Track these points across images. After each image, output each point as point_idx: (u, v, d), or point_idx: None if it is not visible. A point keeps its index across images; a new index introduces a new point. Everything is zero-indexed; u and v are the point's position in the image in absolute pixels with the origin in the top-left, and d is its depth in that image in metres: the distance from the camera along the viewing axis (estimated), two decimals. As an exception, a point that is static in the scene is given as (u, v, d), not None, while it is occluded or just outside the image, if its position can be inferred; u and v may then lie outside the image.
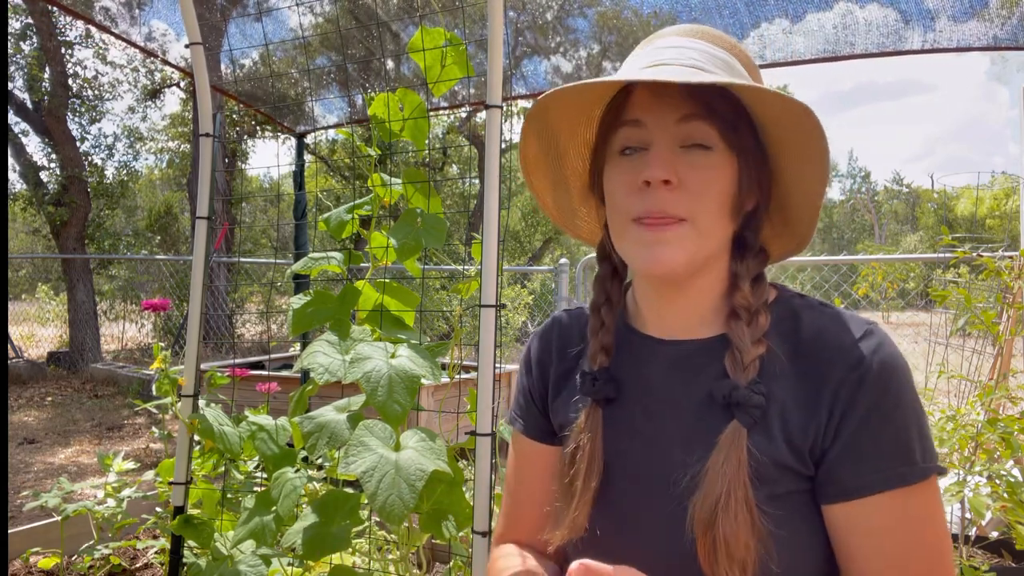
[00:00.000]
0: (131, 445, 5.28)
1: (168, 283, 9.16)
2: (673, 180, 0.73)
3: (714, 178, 0.74)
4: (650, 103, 0.76)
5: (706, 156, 0.74)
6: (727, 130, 0.74)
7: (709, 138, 0.74)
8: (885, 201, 48.49)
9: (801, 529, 0.73)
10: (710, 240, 0.76)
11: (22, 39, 10.18)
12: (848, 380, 0.72)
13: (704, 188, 0.74)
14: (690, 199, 0.74)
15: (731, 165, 0.76)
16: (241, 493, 1.88)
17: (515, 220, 19.56)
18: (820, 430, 0.72)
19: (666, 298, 0.83)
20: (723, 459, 0.71)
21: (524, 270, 11.17)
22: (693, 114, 0.74)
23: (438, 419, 1.69)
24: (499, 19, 1.29)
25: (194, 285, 1.67)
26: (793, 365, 0.75)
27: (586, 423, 0.82)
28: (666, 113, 0.75)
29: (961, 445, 1.91)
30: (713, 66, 0.75)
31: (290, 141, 3.73)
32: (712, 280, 0.81)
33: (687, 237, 0.74)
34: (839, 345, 0.74)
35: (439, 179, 8.73)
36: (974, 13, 2.45)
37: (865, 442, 0.71)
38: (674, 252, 0.74)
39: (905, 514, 0.71)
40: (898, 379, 0.72)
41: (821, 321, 0.77)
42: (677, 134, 0.75)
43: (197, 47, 1.66)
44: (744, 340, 0.75)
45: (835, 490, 0.72)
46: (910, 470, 0.70)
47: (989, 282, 2.59)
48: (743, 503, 0.69)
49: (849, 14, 2.58)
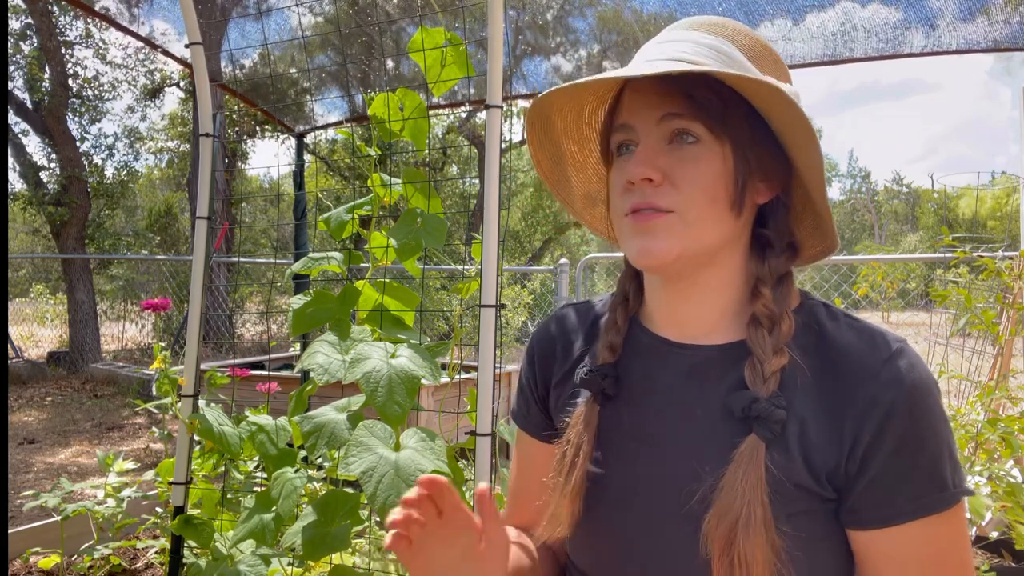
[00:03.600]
0: (131, 445, 5.28)
1: (168, 283, 9.16)
2: (655, 177, 0.72)
3: (700, 169, 0.72)
4: (635, 104, 0.76)
5: (691, 149, 0.73)
6: (711, 120, 0.72)
7: (693, 130, 0.72)
8: (885, 201, 48.49)
9: (818, 549, 0.71)
10: (701, 232, 0.73)
11: (22, 39, 10.18)
12: (877, 404, 0.68)
13: (688, 180, 0.72)
14: (675, 191, 0.72)
15: (721, 155, 0.73)
16: (241, 493, 1.88)
17: (515, 220, 19.56)
18: (844, 454, 0.69)
19: (674, 297, 0.80)
20: (741, 475, 0.68)
21: (524, 270, 11.17)
22: (673, 111, 0.73)
23: (438, 419, 1.69)
24: (499, 19, 1.29)
25: (194, 285, 1.67)
26: (815, 380, 0.72)
27: (580, 417, 0.81)
28: (649, 112, 0.74)
29: (961, 445, 1.91)
30: (703, 57, 0.72)
31: (290, 141, 3.73)
32: (723, 279, 0.78)
33: (673, 228, 0.72)
34: (867, 364, 0.70)
35: (439, 179, 8.72)
36: (975, 14, 2.45)
37: (897, 470, 0.68)
38: (661, 243, 0.73)
39: (934, 539, 0.69)
40: (930, 403, 0.69)
41: (848, 336, 0.73)
42: (661, 131, 0.74)
43: (197, 47, 1.66)
44: (765, 350, 0.72)
45: (862, 517, 0.70)
46: (942, 496, 0.68)
47: (989, 282, 2.59)
48: (761, 523, 0.66)
49: (849, 18, 2.57)
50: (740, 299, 0.79)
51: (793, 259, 0.78)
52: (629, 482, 0.78)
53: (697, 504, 0.71)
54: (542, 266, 11.16)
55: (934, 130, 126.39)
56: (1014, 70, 28.34)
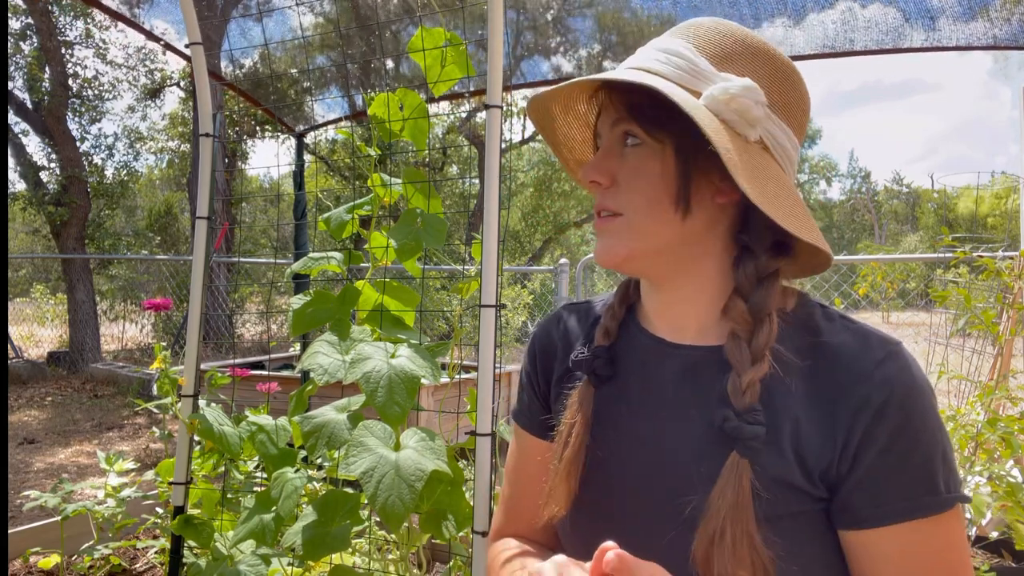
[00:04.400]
0: (131, 445, 5.28)
1: (168, 283, 9.16)
2: (603, 180, 0.78)
3: (640, 169, 0.76)
4: (602, 112, 0.82)
5: (634, 151, 0.77)
6: (647, 124, 0.75)
7: (634, 132, 0.76)
8: (885, 201, 48.50)
9: (811, 550, 0.71)
10: (646, 232, 0.76)
11: (22, 39, 10.19)
12: (868, 405, 0.68)
13: (631, 182, 0.76)
14: (620, 194, 0.77)
15: (661, 155, 0.75)
16: (241, 493, 1.88)
17: (515, 220, 19.57)
18: (836, 454, 0.69)
19: (663, 299, 0.82)
20: (719, 493, 0.68)
21: (524, 270, 11.16)
22: (619, 116, 0.78)
23: (438, 419, 1.68)
24: (499, 19, 1.29)
25: (194, 285, 1.67)
26: (809, 381, 0.72)
27: (576, 398, 0.83)
28: (606, 117, 0.80)
29: (961, 445, 1.91)
30: (661, 65, 0.75)
31: (290, 141, 3.73)
32: (701, 284, 0.79)
33: (621, 230, 0.77)
34: (862, 365, 0.70)
35: (439, 179, 8.73)
36: (975, 13, 2.45)
37: (887, 470, 0.68)
38: (612, 244, 0.78)
39: (927, 543, 0.68)
40: (923, 404, 0.69)
41: (842, 337, 0.73)
42: (614, 135, 0.79)
43: (197, 47, 1.66)
44: (742, 362, 0.71)
45: (853, 517, 0.70)
46: (934, 500, 0.68)
47: (989, 282, 2.59)
48: (743, 537, 0.66)
49: (850, 17, 2.58)
50: (725, 303, 0.79)
51: (780, 257, 0.76)
52: (623, 475, 0.80)
53: (690, 517, 0.71)
54: (542, 266, 11.16)
55: (935, 130, 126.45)
56: (1011, 73, 28.36)
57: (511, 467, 0.98)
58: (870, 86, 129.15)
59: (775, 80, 0.76)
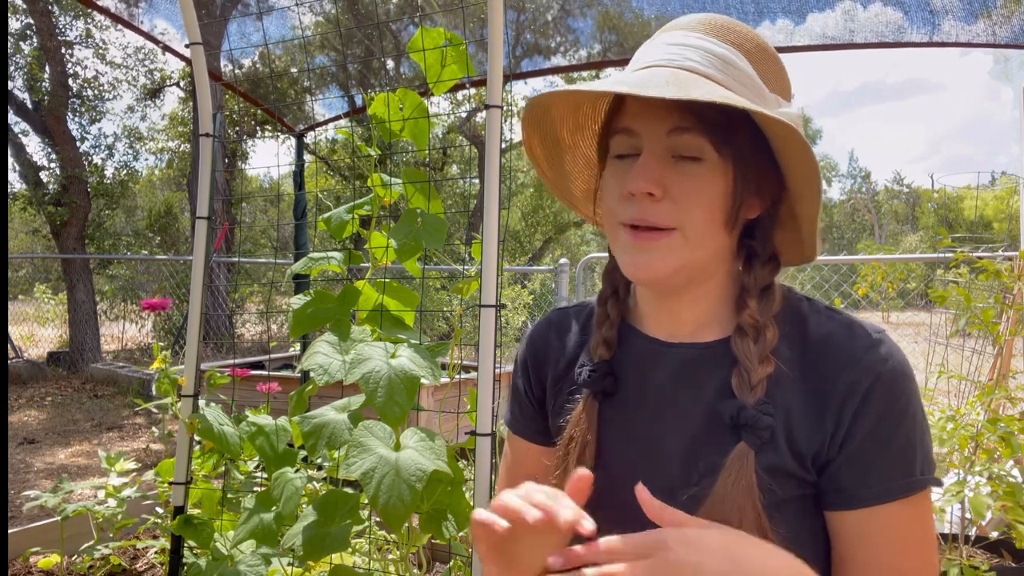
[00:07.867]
0: (131, 445, 5.28)
1: (168, 283, 9.15)
2: (657, 192, 0.71)
3: (703, 189, 0.72)
4: (641, 112, 0.74)
5: (696, 167, 0.72)
6: (719, 140, 0.71)
7: (700, 149, 0.72)
8: (885, 201, 48.47)
9: (802, 533, 0.73)
10: (699, 250, 0.74)
11: (22, 39, 10.18)
12: (856, 390, 0.71)
13: (692, 199, 0.72)
14: (677, 210, 0.72)
15: (724, 175, 0.73)
16: (241, 493, 1.88)
17: (515, 220, 19.56)
18: (827, 438, 0.72)
19: (664, 303, 0.82)
20: (731, 482, 0.70)
21: (524, 270, 11.16)
22: (683, 126, 0.72)
23: (438, 419, 1.68)
24: (499, 19, 1.29)
25: (194, 285, 1.67)
26: (799, 372, 0.74)
27: (582, 414, 0.82)
28: (656, 123, 0.73)
29: (961, 445, 1.91)
30: (712, 67, 0.71)
31: (290, 141, 3.73)
32: (711, 289, 0.80)
33: (675, 247, 0.73)
34: (847, 353, 0.73)
35: (439, 179, 8.72)
36: (976, 13, 2.45)
37: (871, 452, 0.71)
38: (660, 262, 0.73)
39: (902, 524, 0.71)
40: (907, 390, 0.72)
41: (828, 327, 0.76)
42: (668, 145, 0.73)
43: (197, 47, 1.65)
44: (751, 359, 0.74)
45: (838, 498, 0.72)
46: (911, 481, 0.71)
47: (989, 282, 2.59)
48: (755, 527, 0.68)
49: (850, 16, 2.58)
50: (727, 304, 0.81)
51: (776, 271, 0.79)
52: (625, 474, 0.79)
53: (690, 506, 0.71)
54: (542, 266, 11.16)
55: (936, 130, 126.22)
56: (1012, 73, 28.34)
57: (504, 473, 0.98)
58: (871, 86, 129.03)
59: (779, 80, 0.79)
